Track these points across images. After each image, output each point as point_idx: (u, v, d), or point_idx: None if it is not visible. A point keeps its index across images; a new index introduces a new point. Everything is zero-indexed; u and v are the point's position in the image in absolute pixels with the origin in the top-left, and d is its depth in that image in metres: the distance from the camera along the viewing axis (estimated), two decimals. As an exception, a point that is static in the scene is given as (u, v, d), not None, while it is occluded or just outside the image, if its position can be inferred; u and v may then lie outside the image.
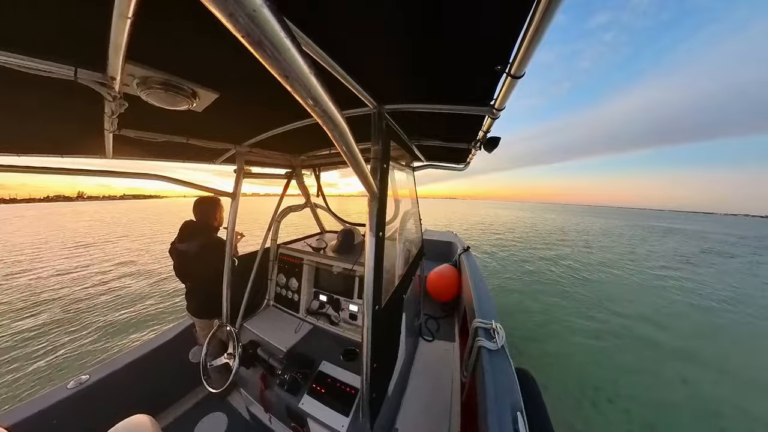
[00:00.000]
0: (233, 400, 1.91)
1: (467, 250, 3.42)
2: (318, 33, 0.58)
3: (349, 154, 0.57)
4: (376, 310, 0.96)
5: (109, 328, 4.55)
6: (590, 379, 3.38)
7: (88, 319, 4.90)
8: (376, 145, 0.97)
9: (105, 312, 5.20)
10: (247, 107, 1.05)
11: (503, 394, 1.11)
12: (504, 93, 0.79)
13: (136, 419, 1.19)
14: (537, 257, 10.18)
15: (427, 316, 2.83)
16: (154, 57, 0.64)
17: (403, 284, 1.47)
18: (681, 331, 4.88)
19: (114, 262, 9.02)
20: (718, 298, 6.82)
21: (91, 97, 0.69)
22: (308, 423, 1.21)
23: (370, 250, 0.93)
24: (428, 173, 3.18)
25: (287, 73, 0.31)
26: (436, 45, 0.65)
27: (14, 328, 4.65)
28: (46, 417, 1.25)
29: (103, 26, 0.46)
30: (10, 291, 6.48)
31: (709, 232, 26.29)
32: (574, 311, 5.41)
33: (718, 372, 3.71)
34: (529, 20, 0.49)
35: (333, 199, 2.48)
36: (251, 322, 1.80)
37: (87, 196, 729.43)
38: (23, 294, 6.27)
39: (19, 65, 0.55)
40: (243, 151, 1.61)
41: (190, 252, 1.73)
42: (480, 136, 1.32)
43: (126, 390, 1.56)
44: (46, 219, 29.09)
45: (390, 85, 0.89)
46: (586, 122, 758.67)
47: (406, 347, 1.72)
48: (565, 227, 22.77)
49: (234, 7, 0.22)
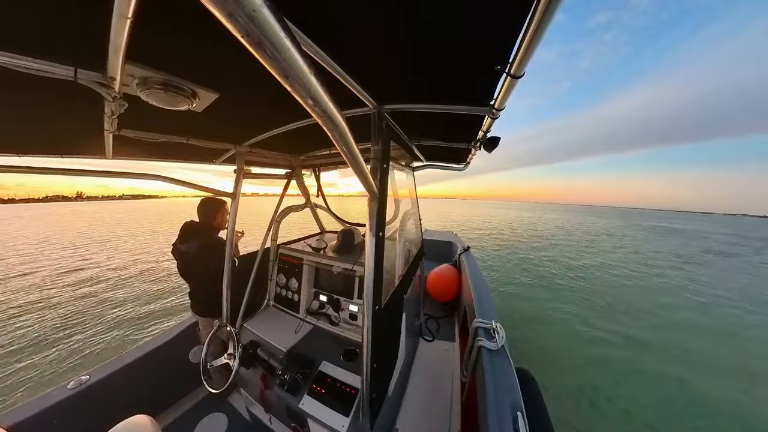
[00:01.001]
0: (233, 400, 1.91)
1: (467, 250, 3.42)
2: (318, 33, 0.58)
3: (349, 154, 0.57)
4: (376, 310, 0.96)
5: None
6: (590, 379, 3.38)
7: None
8: (376, 145, 0.97)
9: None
10: (247, 107, 1.05)
11: (503, 394, 1.11)
12: (504, 93, 0.79)
13: (137, 419, 1.19)
14: (538, 258, 10.18)
15: (427, 316, 2.83)
16: (154, 57, 0.64)
17: (403, 284, 1.47)
18: (680, 330, 4.89)
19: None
20: (720, 298, 6.83)
21: (91, 98, 0.69)
22: (308, 423, 1.21)
23: (370, 250, 0.93)
24: (428, 173, 3.19)
25: (287, 73, 0.31)
26: (436, 45, 0.65)
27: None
28: (46, 417, 1.25)
29: (103, 26, 0.45)
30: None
31: (710, 233, 26.27)
32: (574, 310, 5.41)
33: (718, 371, 3.72)
34: (528, 20, 0.49)
35: (332, 199, 2.48)
36: (251, 322, 1.80)
37: (86, 196, 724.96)
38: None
39: (19, 65, 0.55)
40: (243, 151, 1.61)
41: (191, 252, 1.74)
42: (480, 136, 1.32)
43: (126, 390, 1.56)
44: (47, 219, 29.03)
45: (390, 85, 0.89)
46: (585, 122, 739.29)
47: (406, 347, 1.72)
48: (566, 227, 22.80)
49: (234, 7, 0.22)
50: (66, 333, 4.47)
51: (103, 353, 3.88)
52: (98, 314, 5.14)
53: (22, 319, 5.05)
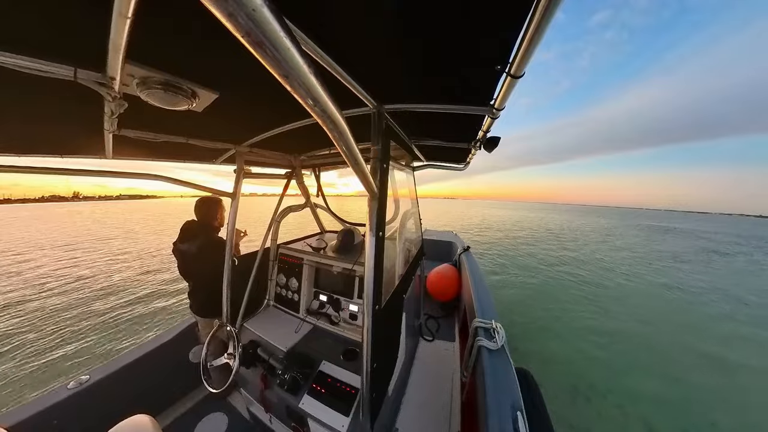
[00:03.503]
0: (233, 400, 1.91)
1: (467, 250, 3.43)
2: (318, 33, 0.58)
3: (348, 154, 0.57)
4: (376, 310, 0.96)
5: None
6: (586, 376, 3.42)
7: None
8: (376, 145, 0.97)
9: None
10: (246, 107, 1.05)
11: (503, 393, 1.11)
12: (504, 93, 0.79)
13: (137, 419, 1.20)
14: (540, 258, 10.20)
15: (427, 316, 2.83)
16: (154, 57, 0.64)
17: (403, 284, 1.47)
18: (678, 330, 4.90)
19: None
20: (718, 296, 6.86)
21: (91, 98, 0.69)
22: (308, 423, 1.21)
23: (370, 250, 0.93)
24: (426, 173, 3.19)
25: (287, 73, 0.31)
26: (435, 45, 0.65)
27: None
28: (46, 417, 1.25)
29: (102, 26, 0.45)
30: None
31: (711, 232, 26.29)
32: (574, 310, 5.42)
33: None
34: (528, 20, 0.49)
35: (332, 199, 2.48)
36: (251, 322, 1.80)
37: (83, 196, 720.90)
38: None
39: (19, 65, 0.55)
40: (243, 151, 1.61)
41: (191, 252, 1.74)
42: (480, 136, 1.33)
43: (126, 390, 1.56)
44: (61, 220, 28.89)
45: (390, 85, 0.89)
46: (585, 122, 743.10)
47: (406, 347, 1.72)
48: (568, 227, 22.79)
49: (234, 7, 0.22)
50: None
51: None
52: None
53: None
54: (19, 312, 5.32)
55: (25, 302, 5.83)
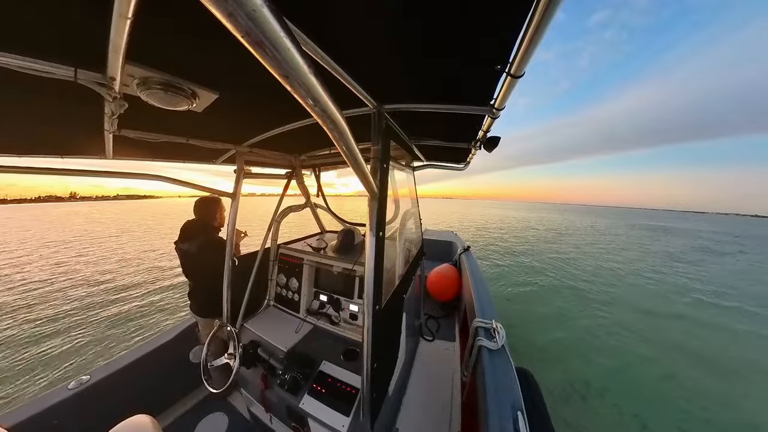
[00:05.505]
0: (234, 400, 1.91)
1: (467, 250, 3.43)
2: (318, 33, 0.58)
3: (349, 154, 0.57)
4: (377, 310, 0.96)
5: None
6: (582, 374, 3.44)
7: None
8: (376, 145, 0.97)
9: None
10: (247, 107, 1.05)
11: (504, 393, 1.11)
12: (504, 93, 0.79)
13: (137, 419, 1.20)
14: (543, 258, 10.22)
15: (428, 316, 2.83)
16: (154, 57, 0.64)
17: (404, 284, 1.47)
18: (678, 329, 4.92)
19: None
20: (713, 294, 6.88)
21: (91, 98, 0.69)
22: (309, 423, 1.21)
23: (370, 250, 0.93)
24: (426, 172, 3.21)
25: (287, 73, 0.31)
26: (435, 45, 0.65)
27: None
28: (46, 417, 1.25)
29: (102, 26, 0.45)
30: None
31: (709, 232, 26.28)
32: (574, 310, 5.43)
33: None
34: (528, 20, 0.49)
35: (332, 199, 2.49)
36: (252, 322, 1.80)
37: (80, 196, 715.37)
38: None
39: (19, 66, 0.55)
40: (243, 151, 1.61)
41: (191, 251, 1.74)
42: (480, 136, 1.33)
43: (126, 390, 1.56)
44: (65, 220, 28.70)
45: (390, 85, 0.89)
46: (584, 122, 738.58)
47: (406, 347, 1.72)
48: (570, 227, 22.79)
49: (234, 6, 0.22)
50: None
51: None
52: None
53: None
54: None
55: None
